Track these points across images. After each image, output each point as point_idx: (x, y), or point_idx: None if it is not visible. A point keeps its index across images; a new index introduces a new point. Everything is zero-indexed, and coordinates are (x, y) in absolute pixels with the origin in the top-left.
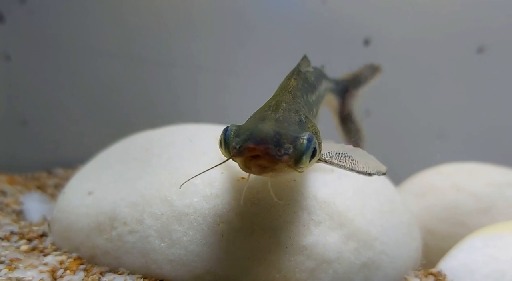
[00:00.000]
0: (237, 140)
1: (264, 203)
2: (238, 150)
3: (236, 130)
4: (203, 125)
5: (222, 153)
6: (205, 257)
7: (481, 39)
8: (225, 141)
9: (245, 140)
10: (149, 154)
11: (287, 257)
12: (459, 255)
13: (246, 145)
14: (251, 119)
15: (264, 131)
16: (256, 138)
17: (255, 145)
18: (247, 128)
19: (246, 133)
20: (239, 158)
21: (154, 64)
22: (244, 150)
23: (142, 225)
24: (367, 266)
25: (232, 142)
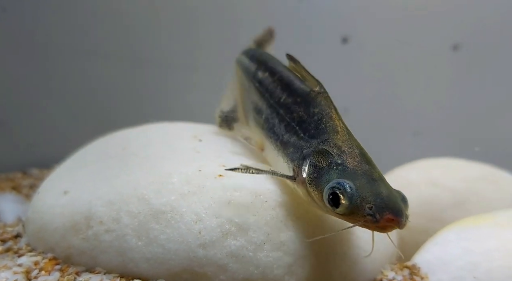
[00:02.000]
0: (372, 207)
1: (242, 201)
2: (374, 218)
3: (359, 192)
4: (177, 123)
5: (337, 211)
6: (183, 255)
7: (456, 37)
8: (350, 202)
9: (381, 209)
10: (125, 153)
11: (264, 254)
12: (433, 248)
13: (385, 215)
14: (357, 174)
15: (398, 203)
16: (394, 210)
17: (394, 217)
18: (374, 193)
19: (378, 201)
20: (368, 224)
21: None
22: (381, 219)
23: (118, 224)
24: (343, 260)
25: (363, 206)
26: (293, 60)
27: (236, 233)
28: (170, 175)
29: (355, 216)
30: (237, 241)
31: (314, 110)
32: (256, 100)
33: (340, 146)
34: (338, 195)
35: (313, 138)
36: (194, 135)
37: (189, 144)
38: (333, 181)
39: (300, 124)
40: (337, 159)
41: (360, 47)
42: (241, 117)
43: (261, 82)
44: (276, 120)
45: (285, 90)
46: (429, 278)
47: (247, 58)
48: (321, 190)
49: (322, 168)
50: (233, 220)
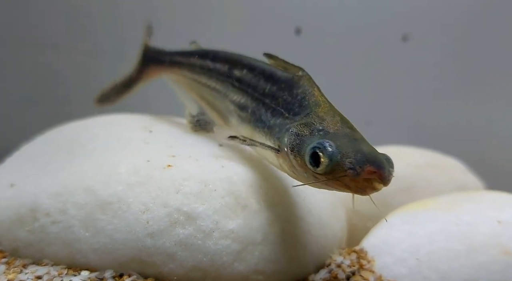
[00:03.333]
0: (353, 161)
1: (190, 190)
2: (355, 171)
3: (340, 149)
4: (128, 115)
5: (318, 170)
6: (130, 245)
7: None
8: (331, 159)
9: (362, 162)
10: (73, 144)
11: (213, 241)
12: (379, 232)
13: (365, 168)
14: (337, 136)
15: (379, 157)
16: (376, 162)
17: (376, 169)
18: (354, 149)
19: (359, 155)
20: (348, 178)
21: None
22: (362, 172)
23: (65, 215)
24: (292, 246)
25: (343, 162)
26: (271, 56)
27: (185, 222)
28: (117, 165)
29: (335, 173)
30: (185, 230)
31: (297, 91)
32: (238, 98)
33: (322, 116)
34: (318, 154)
35: (297, 115)
36: (145, 126)
37: (139, 135)
38: (314, 143)
39: (284, 106)
40: (318, 126)
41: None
42: (216, 118)
43: (241, 80)
44: (262, 110)
45: (269, 81)
46: (375, 262)
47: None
48: (303, 155)
49: (305, 135)
50: (182, 209)
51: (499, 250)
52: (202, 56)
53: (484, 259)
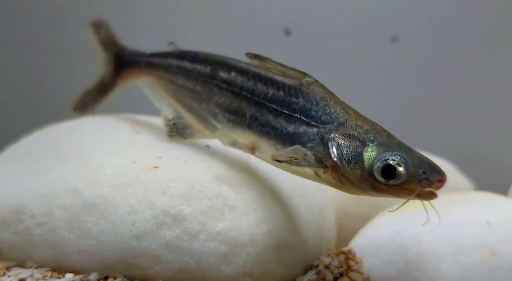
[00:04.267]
0: (426, 171)
1: (177, 192)
2: (428, 180)
3: (410, 160)
4: (116, 115)
5: (392, 182)
6: (116, 247)
7: (394, 29)
8: (407, 170)
9: (433, 171)
10: (59, 145)
11: (200, 243)
12: (367, 233)
13: (436, 177)
14: (394, 146)
15: (438, 165)
16: (441, 171)
17: (442, 177)
18: (419, 159)
19: (427, 165)
20: (419, 187)
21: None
22: (435, 181)
23: (50, 217)
24: (280, 248)
25: (418, 172)
26: (259, 57)
27: (171, 224)
28: (103, 167)
29: (410, 183)
30: (171, 232)
31: (316, 98)
32: (226, 101)
33: (361, 125)
34: (393, 167)
35: (327, 123)
36: (132, 127)
37: (126, 136)
38: (382, 155)
39: (305, 114)
40: (367, 136)
41: (303, 39)
42: (194, 122)
43: (230, 83)
44: (269, 115)
45: (269, 86)
46: (363, 263)
47: (178, 61)
48: (365, 167)
49: (357, 147)
50: (168, 211)
51: (487, 251)
52: (180, 57)
53: (472, 260)
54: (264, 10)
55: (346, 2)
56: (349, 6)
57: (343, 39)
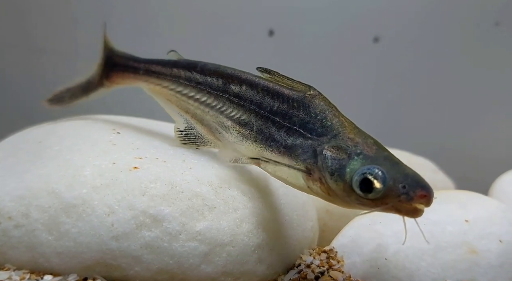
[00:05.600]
0: (406, 186)
1: (156, 192)
2: (408, 195)
3: (390, 174)
4: (97, 117)
5: (370, 196)
6: (95, 248)
7: (377, 29)
8: (384, 185)
9: (414, 186)
10: (40, 146)
11: (180, 244)
12: (349, 232)
13: (418, 192)
14: (379, 160)
15: (425, 180)
16: (426, 186)
17: (426, 193)
18: (403, 173)
19: (409, 179)
20: (399, 203)
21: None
22: (415, 196)
23: (28, 219)
24: (261, 247)
25: (396, 187)
26: (269, 71)
27: (151, 224)
28: (82, 168)
29: (388, 198)
30: (151, 232)
31: (315, 111)
32: (237, 114)
33: (353, 138)
34: (370, 180)
35: (321, 136)
36: (113, 128)
37: (106, 137)
38: (362, 168)
39: (303, 126)
40: (355, 149)
41: (286, 40)
42: (205, 132)
43: (241, 96)
44: (273, 128)
45: (276, 99)
46: (345, 261)
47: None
48: (346, 180)
49: (343, 159)
50: (147, 211)
51: (466, 249)
52: (188, 68)
53: (451, 258)
54: (249, 11)
55: (329, 3)
56: (332, 8)
57: (327, 39)
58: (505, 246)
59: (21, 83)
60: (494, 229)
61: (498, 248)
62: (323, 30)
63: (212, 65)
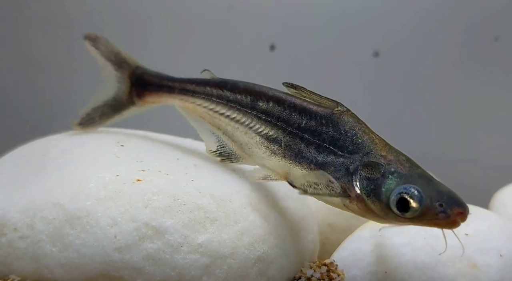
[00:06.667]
0: (443, 204)
1: (159, 204)
2: (445, 214)
3: (426, 193)
4: (102, 129)
5: (407, 215)
6: (98, 260)
7: (377, 45)
8: (420, 204)
9: (451, 204)
10: (44, 159)
11: (181, 256)
12: (349, 245)
13: (455, 210)
14: (414, 178)
15: (460, 196)
16: (461, 203)
17: (462, 210)
18: (438, 191)
19: (445, 197)
20: (440, 222)
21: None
22: (452, 214)
23: (33, 230)
24: (262, 260)
25: (434, 205)
26: (295, 87)
27: (153, 236)
28: (86, 180)
29: (426, 216)
30: (153, 244)
31: (345, 128)
32: (265, 130)
33: (385, 155)
34: (407, 200)
35: (353, 153)
36: (117, 140)
37: (110, 150)
38: (398, 188)
39: (333, 143)
40: (388, 167)
41: (287, 54)
42: (235, 148)
43: (268, 113)
44: (301, 145)
45: (303, 116)
46: (345, 275)
47: (219, 91)
48: (383, 199)
49: (377, 179)
50: (150, 223)
51: (466, 263)
52: (220, 86)
53: (451, 272)
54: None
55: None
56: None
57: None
58: (505, 260)
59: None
60: (494, 243)
61: (498, 262)
62: (324, 44)
63: (241, 83)
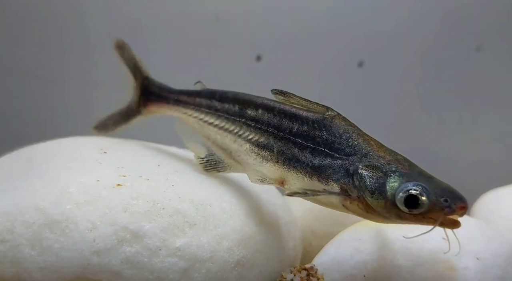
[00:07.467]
0: (448, 199)
1: (138, 209)
2: (450, 208)
3: (431, 189)
4: (87, 137)
5: (415, 211)
6: (76, 263)
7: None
8: (429, 200)
9: (455, 199)
10: (29, 164)
11: (160, 259)
12: (330, 250)
13: (458, 204)
14: (415, 176)
15: (459, 191)
16: (462, 198)
17: (464, 204)
18: (440, 187)
19: (448, 193)
20: (442, 216)
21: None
22: (456, 208)
23: (12, 234)
24: (241, 264)
25: (439, 201)
26: (284, 93)
27: (132, 240)
28: (67, 185)
29: (431, 212)
30: (132, 248)
31: (339, 131)
32: (255, 137)
33: (384, 156)
34: (416, 197)
35: (350, 155)
36: (101, 147)
37: (93, 156)
38: (404, 185)
39: (329, 146)
40: (389, 167)
41: (274, 65)
42: (225, 157)
43: (257, 120)
44: (295, 149)
45: (294, 121)
46: (325, 279)
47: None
48: (388, 197)
49: (380, 178)
50: (129, 227)
51: (444, 266)
52: (209, 97)
53: (429, 275)
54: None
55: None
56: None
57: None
58: (483, 263)
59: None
60: (472, 247)
61: (476, 266)
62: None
63: (230, 93)
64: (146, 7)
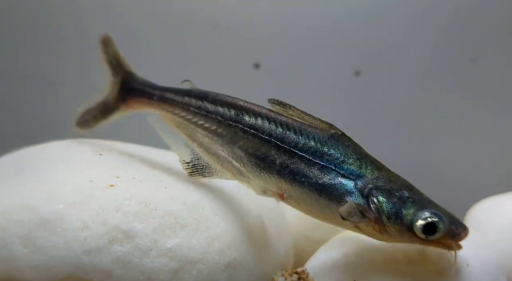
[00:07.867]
0: (458, 227)
1: (130, 209)
2: (459, 236)
3: (445, 217)
4: (82, 140)
5: (431, 238)
6: (68, 262)
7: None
8: (444, 227)
9: (463, 227)
10: (22, 166)
11: (150, 259)
12: (321, 254)
13: (464, 232)
14: (426, 202)
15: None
16: (465, 226)
17: (467, 232)
18: (449, 215)
19: (457, 221)
20: (451, 241)
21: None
22: (464, 235)
23: (5, 232)
24: (232, 266)
25: (452, 228)
26: (283, 104)
27: (123, 240)
28: (60, 185)
29: (444, 238)
30: (123, 248)
31: (347, 151)
32: (253, 146)
33: (394, 180)
34: (434, 224)
35: (362, 176)
36: (96, 150)
37: (88, 158)
38: (422, 213)
39: (339, 166)
40: (401, 193)
41: (272, 72)
42: (212, 162)
43: (257, 128)
44: (301, 164)
45: (299, 135)
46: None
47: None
48: (405, 223)
49: (396, 203)
50: (120, 227)
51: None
52: (199, 97)
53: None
54: (235, 45)
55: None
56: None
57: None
58: (472, 269)
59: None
60: (462, 253)
61: (465, 272)
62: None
63: (224, 95)
64: (145, 14)
